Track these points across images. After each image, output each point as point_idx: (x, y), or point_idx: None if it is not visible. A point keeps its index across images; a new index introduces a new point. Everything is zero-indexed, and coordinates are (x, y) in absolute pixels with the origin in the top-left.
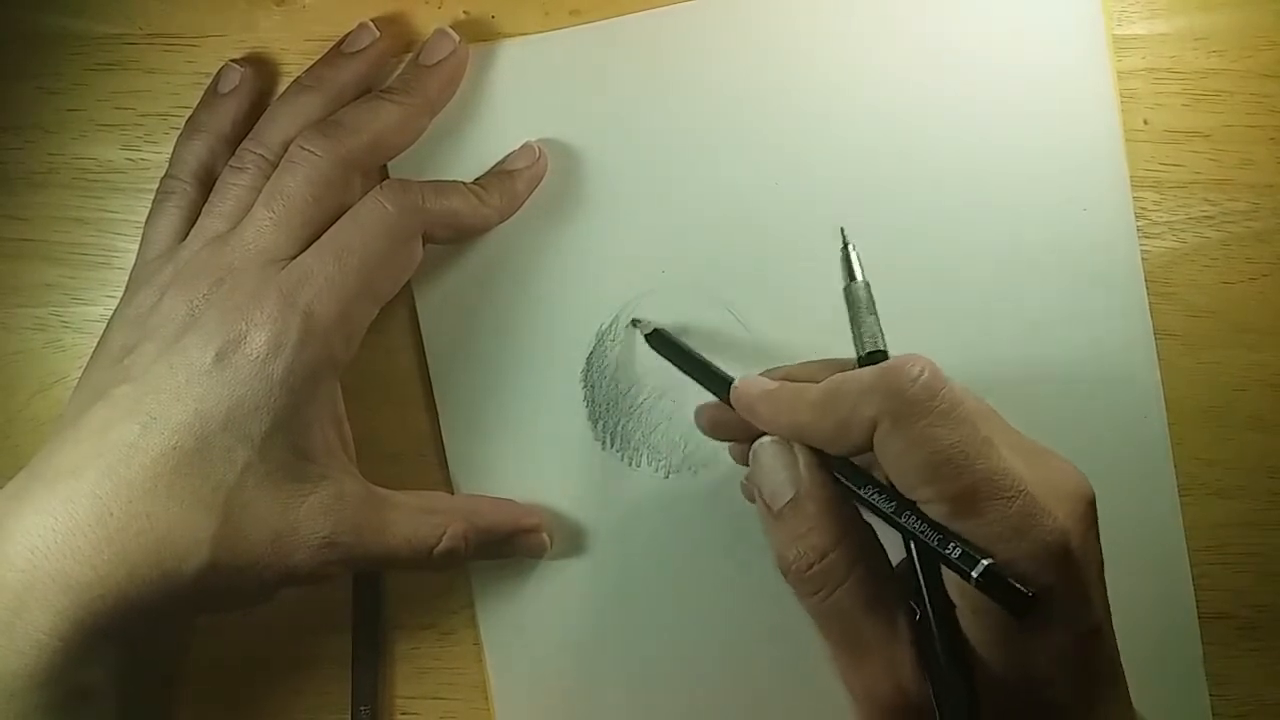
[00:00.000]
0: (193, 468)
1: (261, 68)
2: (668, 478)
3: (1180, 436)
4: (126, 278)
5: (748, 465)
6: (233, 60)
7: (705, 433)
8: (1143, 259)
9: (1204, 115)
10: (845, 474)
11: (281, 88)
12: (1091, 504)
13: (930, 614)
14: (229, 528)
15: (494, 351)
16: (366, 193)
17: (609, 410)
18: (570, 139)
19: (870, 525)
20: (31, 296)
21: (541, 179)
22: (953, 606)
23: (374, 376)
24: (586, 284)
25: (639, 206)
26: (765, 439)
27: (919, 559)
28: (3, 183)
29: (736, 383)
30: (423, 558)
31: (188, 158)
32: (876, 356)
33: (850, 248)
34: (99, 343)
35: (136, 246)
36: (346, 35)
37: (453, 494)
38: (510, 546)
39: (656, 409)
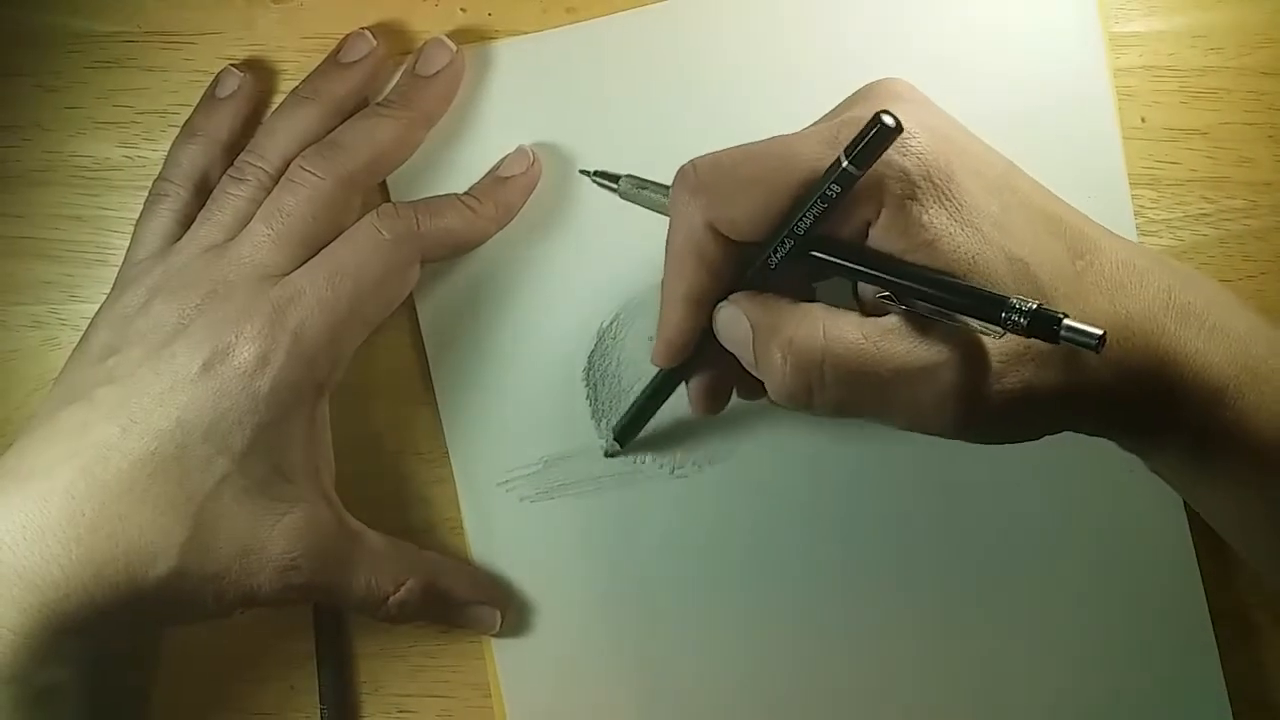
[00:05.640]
0: (170, 474)
1: (260, 73)
2: (673, 474)
3: None
4: None
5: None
6: (232, 65)
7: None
8: None
9: (1201, 113)
10: (832, 252)
11: (279, 88)
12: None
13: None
14: (199, 537)
15: (495, 351)
16: (365, 209)
17: (612, 408)
18: (568, 137)
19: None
20: (29, 294)
21: (536, 185)
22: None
23: (374, 374)
24: (586, 283)
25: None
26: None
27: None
28: (0, 180)
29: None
30: (377, 603)
31: (183, 161)
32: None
33: (590, 175)
34: (80, 340)
35: None
36: (343, 42)
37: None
38: (461, 615)
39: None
